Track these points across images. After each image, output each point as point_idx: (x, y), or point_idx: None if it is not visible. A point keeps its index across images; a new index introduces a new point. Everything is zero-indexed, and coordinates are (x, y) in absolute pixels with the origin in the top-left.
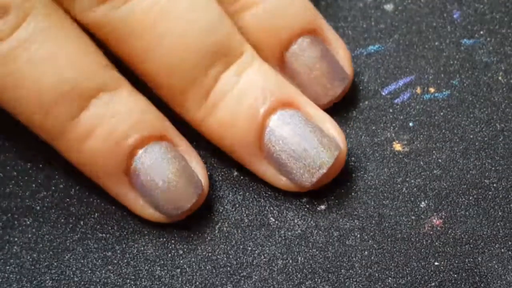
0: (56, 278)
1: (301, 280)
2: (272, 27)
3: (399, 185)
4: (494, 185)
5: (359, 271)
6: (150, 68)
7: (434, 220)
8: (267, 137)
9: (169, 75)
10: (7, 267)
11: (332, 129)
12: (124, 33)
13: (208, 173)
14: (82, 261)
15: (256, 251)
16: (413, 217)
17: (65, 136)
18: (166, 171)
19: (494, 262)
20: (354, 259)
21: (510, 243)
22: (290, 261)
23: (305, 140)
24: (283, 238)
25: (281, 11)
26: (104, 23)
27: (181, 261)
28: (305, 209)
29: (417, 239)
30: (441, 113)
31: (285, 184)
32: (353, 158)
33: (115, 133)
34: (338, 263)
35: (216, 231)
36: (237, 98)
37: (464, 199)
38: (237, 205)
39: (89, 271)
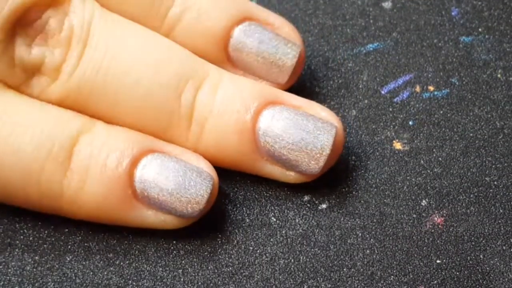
0: (58, 280)
1: (303, 279)
2: (205, 31)
3: (400, 184)
4: (495, 182)
5: (361, 269)
6: (124, 119)
7: (436, 218)
8: (262, 140)
9: (145, 119)
10: (9, 270)
11: (322, 111)
12: (87, 96)
13: None
14: (83, 262)
15: (258, 251)
16: (414, 215)
17: (65, 195)
18: (171, 175)
19: (496, 259)
20: (355, 257)
21: (511, 240)
22: (292, 261)
23: (300, 129)
24: (285, 237)
25: (208, 12)
26: (64, 95)
27: (183, 262)
28: (306, 208)
29: (418, 237)
30: (441, 112)
31: (295, 178)
32: (353, 157)
33: (108, 165)
34: (339, 262)
35: (217, 231)
36: (220, 116)
37: (465, 197)
38: (238, 205)
39: (91, 273)
